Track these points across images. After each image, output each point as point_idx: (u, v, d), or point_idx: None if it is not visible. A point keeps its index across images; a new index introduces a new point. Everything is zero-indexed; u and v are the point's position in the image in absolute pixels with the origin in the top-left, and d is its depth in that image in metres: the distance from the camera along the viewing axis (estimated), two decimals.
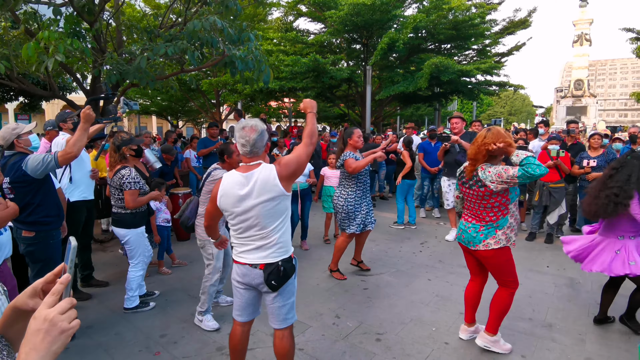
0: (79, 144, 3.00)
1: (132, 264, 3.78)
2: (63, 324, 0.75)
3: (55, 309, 0.76)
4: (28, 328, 0.75)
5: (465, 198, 3.03)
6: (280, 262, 2.28)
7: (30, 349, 0.72)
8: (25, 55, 4.03)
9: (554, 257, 5.27)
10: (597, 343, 3.23)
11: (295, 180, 2.37)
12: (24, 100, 11.68)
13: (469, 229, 2.97)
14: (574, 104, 24.88)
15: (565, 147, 6.16)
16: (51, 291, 0.79)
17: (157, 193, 3.88)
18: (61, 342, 0.75)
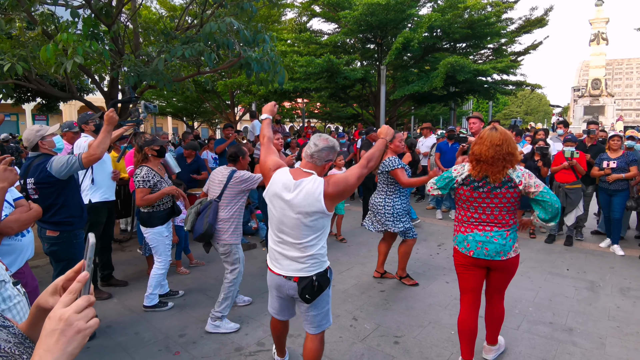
0: (102, 146, 3.05)
1: (157, 261, 3.85)
2: (79, 323, 0.71)
3: (71, 307, 0.72)
4: (43, 328, 0.71)
5: (477, 204, 2.66)
6: (314, 277, 2.28)
7: (45, 351, 0.68)
8: (44, 57, 4.11)
9: (573, 260, 5.18)
10: (618, 346, 3.17)
11: (341, 201, 2.38)
12: (41, 101, 11.89)
13: (494, 237, 2.63)
14: (591, 103, 24.42)
15: (584, 148, 6.04)
16: (68, 289, 0.75)
17: (169, 189, 3.78)
18: (77, 342, 0.71)
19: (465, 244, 2.71)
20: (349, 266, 4.99)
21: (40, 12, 5.17)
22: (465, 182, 2.68)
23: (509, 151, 2.56)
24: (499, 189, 2.60)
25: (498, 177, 2.57)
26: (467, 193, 2.69)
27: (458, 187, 2.72)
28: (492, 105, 21.83)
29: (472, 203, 2.68)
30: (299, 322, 3.34)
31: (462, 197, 2.73)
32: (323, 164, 2.34)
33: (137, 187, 3.66)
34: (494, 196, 2.62)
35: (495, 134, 2.61)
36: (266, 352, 3.06)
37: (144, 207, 3.77)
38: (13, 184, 2.23)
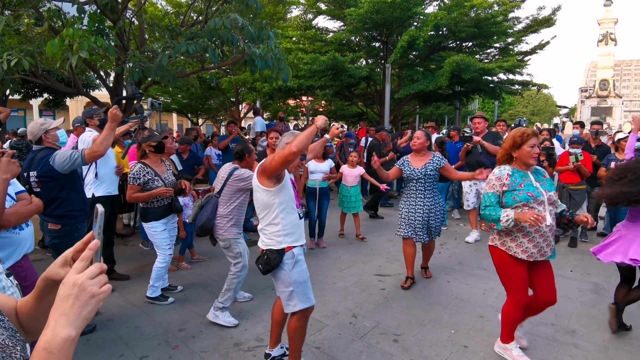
0: (105, 143, 3.06)
1: (158, 254, 3.89)
2: (93, 288, 0.74)
3: (85, 274, 0.75)
4: (57, 294, 0.73)
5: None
6: (265, 251, 2.60)
7: (60, 315, 0.71)
8: (50, 52, 4.13)
9: (577, 262, 5.13)
10: (621, 350, 3.14)
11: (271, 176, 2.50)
12: (48, 96, 11.99)
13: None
14: (599, 104, 24.20)
15: (590, 149, 5.98)
16: (80, 257, 0.77)
17: (157, 191, 3.73)
18: (91, 307, 0.73)
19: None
20: (350, 264, 4.98)
21: (47, 8, 5.19)
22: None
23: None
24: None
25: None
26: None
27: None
28: (497, 105, 21.72)
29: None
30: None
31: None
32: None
33: (128, 183, 3.69)
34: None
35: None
36: (265, 347, 3.06)
37: (141, 203, 3.80)
38: (15, 176, 2.25)
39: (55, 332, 0.69)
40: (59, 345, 0.68)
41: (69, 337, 0.69)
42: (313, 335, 3.26)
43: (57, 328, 0.69)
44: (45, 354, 0.67)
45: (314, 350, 3.05)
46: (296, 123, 26.04)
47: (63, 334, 0.69)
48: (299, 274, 2.59)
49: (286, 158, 2.35)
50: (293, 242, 2.60)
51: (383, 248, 5.64)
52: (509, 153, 2.83)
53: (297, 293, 2.58)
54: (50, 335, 0.69)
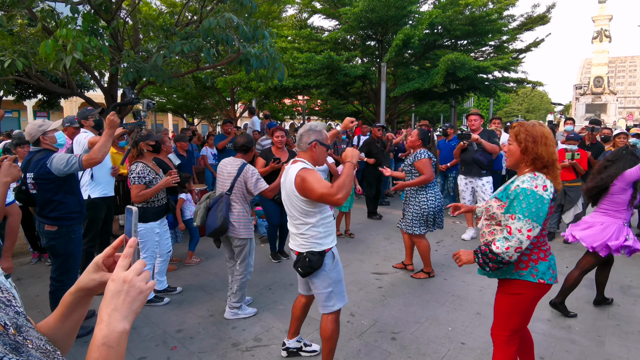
0: (103, 150, 3.05)
1: (141, 257, 3.83)
2: (141, 284, 0.78)
3: (132, 270, 0.79)
4: (106, 291, 0.77)
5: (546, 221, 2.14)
6: (305, 253, 2.52)
7: (113, 310, 0.74)
8: (43, 53, 4.11)
9: (572, 257, 5.16)
10: (617, 344, 3.17)
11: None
12: (42, 97, 11.92)
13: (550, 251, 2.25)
14: (593, 101, 24.32)
15: (584, 147, 6.02)
16: (123, 254, 0.81)
17: (164, 181, 3.75)
18: (140, 301, 0.78)
19: (551, 272, 2.14)
20: (347, 262, 4.99)
21: (40, 8, 5.16)
22: (552, 197, 2.08)
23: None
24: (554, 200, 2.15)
25: (559, 183, 2.13)
26: (549, 210, 2.08)
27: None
28: (492, 103, 21.79)
29: (548, 220, 2.14)
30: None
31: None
32: (309, 147, 2.57)
33: (132, 184, 3.65)
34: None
35: (546, 129, 2.13)
36: (263, 347, 3.07)
37: (138, 203, 3.75)
38: (16, 179, 2.26)
39: (111, 327, 0.73)
40: (117, 339, 0.72)
41: (124, 330, 0.74)
42: (311, 334, 3.26)
43: (112, 323, 0.73)
44: (105, 349, 0.71)
45: None
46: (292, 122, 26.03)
47: (119, 328, 0.73)
48: (337, 272, 2.61)
49: (330, 202, 2.38)
50: (332, 242, 2.60)
51: (380, 246, 5.65)
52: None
53: (336, 293, 2.59)
54: (107, 330, 0.72)
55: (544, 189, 2.03)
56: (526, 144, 2.09)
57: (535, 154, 2.08)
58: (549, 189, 2.04)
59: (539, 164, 2.08)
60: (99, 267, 0.87)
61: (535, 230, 2.02)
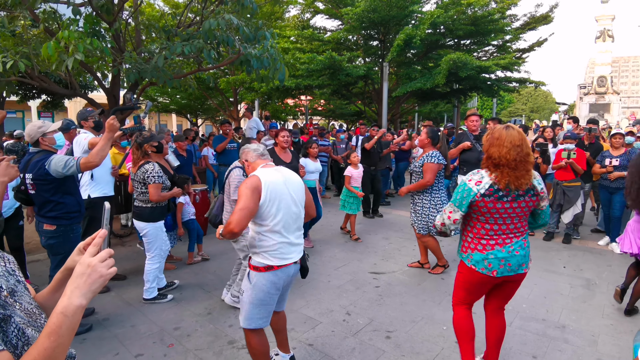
0: (102, 154, 3.10)
1: (149, 257, 3.91)
2: (102, 269, 0.93)
3: (96, 257, 0.94)
4: (74, 272, 0.92)
5: (497, 216, 2.33)
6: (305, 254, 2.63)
7: (75, 288, 0.90)
8: (46, 54, 4.16)
9: (571, 258, 5.17)
10: (610, 344, 3.18)
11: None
12: (46, 98, 12.01)
13: (515, 250, 2.37)
14: (597, 101, 24.17)
15: (583, 146, 6.01)
16: (92, 243, 0.97)
17: (178, 191, 4.03)
18: (99, 284, 0.92)
19: (485, 264, 2.37)
20: (345, 262, 5.02)
21: (42, 9, 5.22)
22: (487, 192, 2.29)
23: (527, 152, 2.29)
24: (523, 197, 2.31)
25: (523, 183, 2.27)
26: (489, 205, 2.30)
27: (479, 200, 2.31)
28: (496, 103, 21.72)
29: (492, 215, 2.33)
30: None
31: (480, 210, 2.34)
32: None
33: (151, 183, 3.70)
34: (517, 205, 2.32)
35: (513, 132, 2.30)
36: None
37: (149, 203, 3.82)
38: (13, 179, 2.30)
39: (71, 301, 0.88)
40: (73, 311, 0.87)
41: (80, 305, 0.89)
42: (306, 333, 3.30)
43: (72, 297, 0.88)
44: (62, 317, 0.86)
45: (307, 347, 3.09)
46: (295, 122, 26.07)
47: (77, 302, 0.88)
48: None
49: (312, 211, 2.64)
50: None
51: (379, 246, 5.68)
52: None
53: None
54: (67, 302, 0.88)
55: (476, 184, 2.33)
56: (486, 146, 2.39)
57: (488, 153, 2.35)
58: (483, 184, 2.31)
59: (490, 162, 2.33)
60: (81, 251, 1.05)
61: (456, 214, 2.41)
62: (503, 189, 2.27)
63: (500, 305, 2.67)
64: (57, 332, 0.85)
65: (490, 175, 2.31)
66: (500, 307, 2.67)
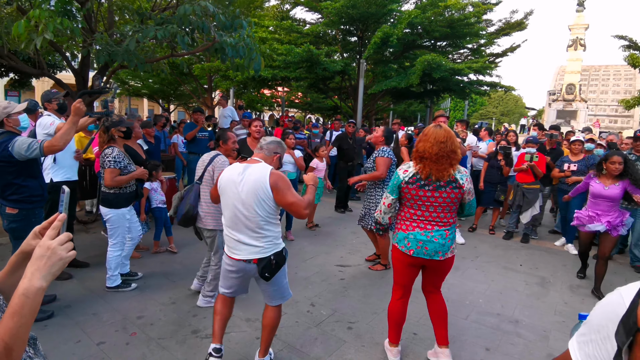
0: (66, 137, 3.02)
1: (111, 244, 3.85)
2: (62, 252, 0.94)
3: (56, 240, 0.95)
4: (33, 254, 0.93)
5: (420, 202, 2.62)
6: (272, 256, 2.47)
7: (35, 270, 0.91)
8: (16, 33, 4.02)
9: (528, 257, 5.43)
10: (561, 340, 3.37)
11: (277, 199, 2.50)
12: (14, 76, 11.50)
13: (435, 237, 2.62)
14: (564, 107, 25.14)
15: (544, 151, 6.29)
16: (51, 227, 0.97)
17: (140, 172, 3.86)
18: (59, 266, 0.94)
19: (405, 242, 2.67)
20: (314, 254, 5.10)
21: None
22: (411, 180, 2.62)
23: (452, 149, 2.55)
24: (444, 187, 2.57)
25: (444, 175, 2.56)
26: (412, 191, 2.62)
27: (404, 186, 2.65)
28: (468, 105, 22.25)
29: (416, 201, 2.63)
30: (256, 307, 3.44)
31: (406, 196, 2.66)
32: (271, 156, 2.63)
33: (107, 167, 3.64)
34: (438, 195, 2.58)
35: (440, 131, 2.59)
36: (225, 334, 3.12)
37: (111, 189, 3.76)
38: None
39: (31, 283, 0.89)
40: (33, 292, 0.89)
41: (41, 287, 0.90)
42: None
43: (33, 279, 0.90)
44: (23, 298, 0.87)
45: None
46: (271, 113, 25.83)
47: (37, 284, 0.90)
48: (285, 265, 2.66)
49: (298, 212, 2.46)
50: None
51: (347, 240, 5.78)
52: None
53: (286, 284, 2.69)
54: (28, 284, 0.89)
55: (403, 172, 2.68)
56: (417, 141, 2.71)
57: (416, 147, 2.67)
58: (408, 173, 2.65)
59: (416, 154, 2.65)
60: (37, 235, 1.05)
61: (389, 199, 2.75)
62: (425, 178, 2.59)
63: (431, 289, 2.92)
64: (20, 313, 0.86)
65: (416, 166, 2.65)
66: (433, 290, 2.92)
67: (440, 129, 2.61)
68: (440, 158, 2.54)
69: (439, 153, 2.53)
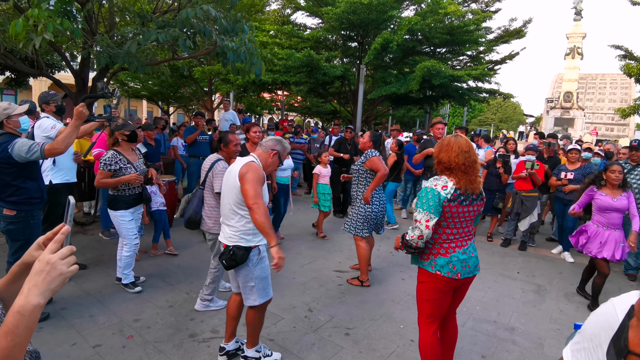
0: (67, 141, 3.02)
1: (120, 242, 3.92)
2: (62, 267, 0.88)
3: (57, 254, 0.89)
4: (32, 268, 0.88)
5: (457, 220, 2.38)
6: (231, 247, 2.59)
7: (33, 286, 0.85)
8: (13, 32, 4.00)
9: (525, 264, 5.44)
10: (556, 347, 3.38)
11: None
12: (10, 75, 11.47)
13: (471, 252, 2.45)
14: (562, 115, 25.26)
15: (542, 159, 6.33)
16: (53, 239, 0.92)
17: (131, 176, 3.80)
18: (59, 282, 0.87)
19: (450, 267, 2.37)
20: (311, 259, 5.10)
21: None
22: (452, 197, 2.33)
23: (475, 159, 2.39)
24: (476, 201, 2.41)
25: (476, 187, 2.38)
26: (453, 209, 2.34)
27: (446, 204, 2.33)
28: (467, 111, 22.35)
29: (454, 219, 2.37)
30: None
31: (445, 215, 2.35)
32: (268, 152, 2.75)
33: (99, 169, 3.70)
34: (471, 209, 2.41)
35: (461, 139, 2.43)
36: (220, 338, 3.12)
37: (111, 190, 3.84)
38: None
39: (28, 300, 0.84)
40: (30, 310, 0.83)
41: (38, 304, 0.84)
42: (268, 328, 3.34)
43: (30, 296, 0.84)
44: (18, 316, 0.82)
45: (268, 342, 3.14)
46: (271, 117, 25.86)
47: (34, 301, 0.84)
48: (262, 270, 2.66)
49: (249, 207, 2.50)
50: (261, 240, 2.66)
51: (345, 245, 5.78)
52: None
53: (258, 288, 2.66)
54: (24, 302, 0.83)
55: (443, 189, 2.35)
56: (436, 152, 2.51)
57: (438, 159, 2.47)
58: (449, 189, 2.34)
59: (441, 166, 2.44)
60: (40, 246, 1.00)
61: (433, 220, 2.33)
62: (464, 192, 2.35)
63: (453, 310, 2.69)
64: (14, 332, 0.81)
65: (452, 180, 2.37)
66: (453, 312, 2.71)
67: (461, 139, 2.44)
68: (467, 168, 2.35)
69: (466, 163, 2.35)
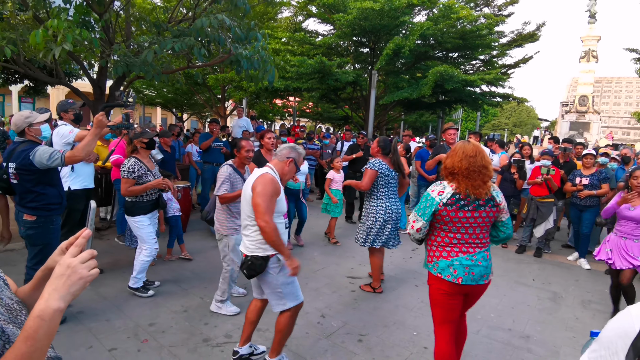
0: (87, 149, 3.10)
1: (139, 247, 4.01)
2: (83, 271, 0.89)
3: (77, 258, 0.89)
4: (53, 272, 0.88)
5: (460, 225, 2.41)
6: (250, 257, 2.64)
7: (53, 290, 0.86)
8: (33, 42, 4.13)
9: (540, 271, 5.36)
10: (571, 356, 3.33)
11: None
12: (29, 83, 11.77)
13: (479, 260, 2.44)
14: (577, 119, 24.86)
15: (558, 164, 6.24)
16: (74, 243, 0.93)
17: (155, 182, 3.91)
18: (79, 286, 0.88)
19: (450, 270, 2.41)
20: (324, 265, 5.11)
21: None
22: (449, 201, 2.39)
23: (483, 164, 2.39)
24: (483, 207, 2.40)
25: (481, 193, 2.38)
26: (451, 214, 2.39)
27: (441, 209, 2.40)
28: (480, 116, 22.16)
29: (455, 224, 2.41)
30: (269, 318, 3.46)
31: (444, 219, 2.42)
32: (284, 160, 2.80)
33: (122, 177, 3.79)
34: (478, 215, 2.40)
35: (468, 145, 2.47)
36: (233, 343, 3.15)
37: (129, 197, 3.89)
38: None
39: (48, 304, 0.84)
40: (50, 315, 0.83)
41: (58, 308, 0.84)
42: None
43: (50, 300, 0.84)
44: (38, 320, 0.82)
45: None
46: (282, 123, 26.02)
47: (54, 305, 0.84)
48: (286, 276, 2.66)
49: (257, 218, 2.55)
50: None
51: (357, 251, 5.76)
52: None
53: (286, 294, 2.68)
54: (44, 306, 0.83)
55: (439, 194, 2.43)
56: (445, 159, 2.57)
57: (444, 164, 2.53)
58: (445, 194, 2.41)
59: (446, 172, 2.50)
60: (63, 251, 1.00)
61: (418, 223, 2.47)
62: (464, 197, 2.37)
63: (462, 313, 2.69)
64: (34, 337, 0.80)
65: (451, 185, 2.44)
66: (463, 314, 2.71)
67: (469, 144, 2.48)
68: (471, 173, 2.38)
69: (470, 168, 2.38)
